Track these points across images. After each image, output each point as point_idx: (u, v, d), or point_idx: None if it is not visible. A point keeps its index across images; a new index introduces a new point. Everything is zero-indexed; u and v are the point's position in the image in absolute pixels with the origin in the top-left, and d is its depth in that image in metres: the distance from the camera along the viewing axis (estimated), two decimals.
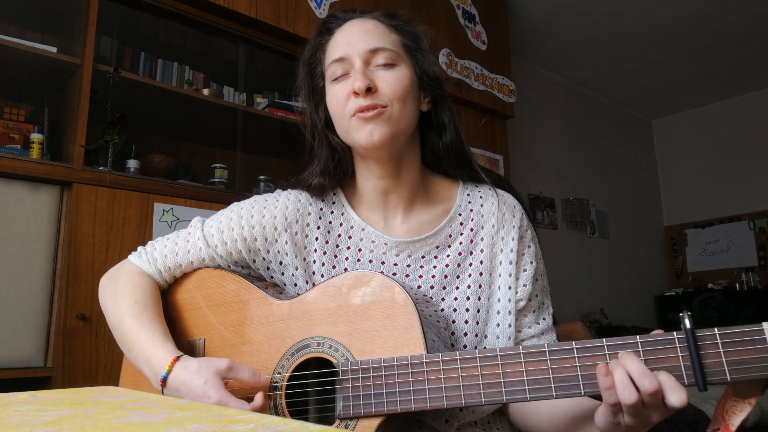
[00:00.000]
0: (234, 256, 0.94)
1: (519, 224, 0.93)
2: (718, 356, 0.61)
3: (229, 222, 0.94)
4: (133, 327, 0.87)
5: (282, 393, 0.80)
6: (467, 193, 0.96)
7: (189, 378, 0.77)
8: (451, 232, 0.92)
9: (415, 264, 0.90)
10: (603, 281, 4.58)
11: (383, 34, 0.89)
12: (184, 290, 0.96)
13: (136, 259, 0.97)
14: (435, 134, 0.94)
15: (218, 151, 2.67)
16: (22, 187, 1.74)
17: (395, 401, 0.71)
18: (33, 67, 1.98)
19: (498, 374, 0.68)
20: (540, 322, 0.92)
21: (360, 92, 0.83)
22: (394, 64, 0.87)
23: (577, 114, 4.79)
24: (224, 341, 0.88)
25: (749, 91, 5.03)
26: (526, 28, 3.89)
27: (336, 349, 0.77)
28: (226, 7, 2.23)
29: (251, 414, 0.42)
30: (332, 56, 0.89)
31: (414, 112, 0.89)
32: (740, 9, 3.74)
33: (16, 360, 1.65)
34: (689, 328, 0.62)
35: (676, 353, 0.63)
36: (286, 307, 0.84)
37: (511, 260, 0.90)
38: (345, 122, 0.87)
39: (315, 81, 0.94)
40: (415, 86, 0.89)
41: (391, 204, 0.93)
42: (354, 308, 0.78)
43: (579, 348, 0.66)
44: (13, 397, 0.51)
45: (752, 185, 4.92)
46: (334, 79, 0.89)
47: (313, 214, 0.94)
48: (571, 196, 4.49)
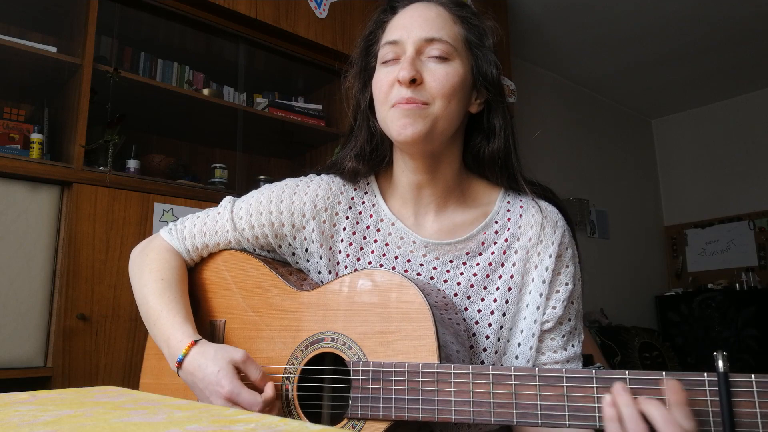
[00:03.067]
0: (260, 240, 0.93)
1: (559, 241, 0.86)
2: (752, 406, 0.56)
3: (258, 206, 0.92)
4: (156, 305, 0.87)
5: (294, 386, 0.80)
6: (507, 200, 0.90)
7: (204, 364, 0.77)
8: (484, 240, 0.87)
9: (442, 268, 0.86)
10: (603, 281, 4.58)
11: (445, 24, 0.84)
12: (210, 270, 0.97)
13: (166, 234, 0.96)
14: (483, 139, 0.88)
15: (218, 151, 2.67)
16: (22, 187, 1.74)
17: (403, 408, 0.70)
18: (33, 67, 1.98)
19: (510, 395, 0.65)
20: (567, 348, 0.85)
21: (404, 82, 0.79)
22: (448, 58, 0.81)
23: (577, 114, 4.79)
24: (243, 325, 0.89)
25: (749, 91, 5.03)
26: (526, 28, 3.88)
27: (349, 346, 0.77)
28: (226, 7, 2.23)
29: (251, 414, 0.42)
30: (387, 38, 0.85)
31: (459, 113, 0.83)
32: (740, 9, 3.74)
33: (16, 360, 1.65)
34: (722, 371, 0.56)
35: (705, 396, 0.58)
36: (306, 297, 0.83)
37: (545, 279, 0.84)
38: (384, 110, 0.83)
39: (368, 59, 0.91)
40: (466, 85, 0.84)
41: (424, 200, 0.89)
42: (371, 307, 0.77)
43: (599, 378, 0.62)
44: (13, 397, 0.51)
45: (752, 185, 4.92)
46: (384, 62, 0.85)
47: (344, 203, 0.91)
48: (571, 196, 4.49)
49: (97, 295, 1.77)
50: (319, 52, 2.51)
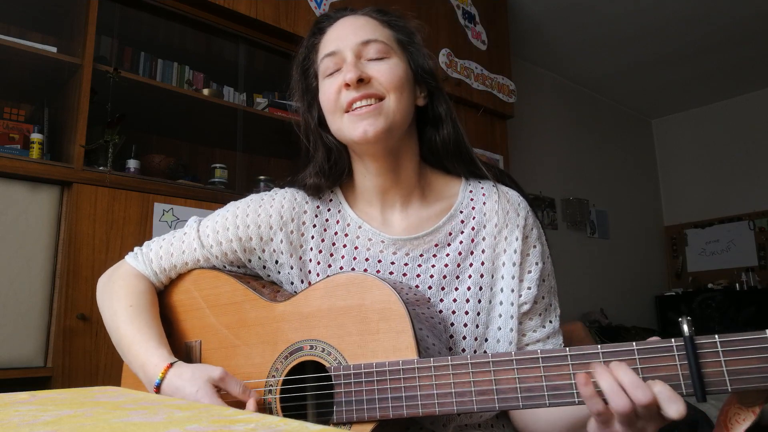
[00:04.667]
0: (229, 256, 0.93)
1: (524, 223, 0.88)
2: (719, 365, 0.57)
3: (224, 222, 0.93)
4: (128, 332, 0.87)
5: (277, 398, 0.79)
6: (470, 189, 0.92)
7: (182, 385, 0.76)
8: (451, 230, 0.89)
9: (413, 263, 0.87)
10: (603, 281, 4.58)
11: (375, 29, 0.88)
12: (180, 291, 0.96)
13: (132, 260, 0.96)
14: (432, 128, 0.91)
15: (218, 151, 2.67)
16: (22, 187, 1.74)
17: (387, 407, 0.70)
18: (33, 67, 1.98)
19: (490, 381, 0.66)
20: (546, 325, 0.88)
21: (351, 83, 0.81)
22: (386, 56, 0.85)
23: (577, 114, 4.79)
24: (220, 343, 0.88)
25: (749, 91, 5.03)
26: (526, 28, 3.88)
27: (329, 352, 0.76)
28: (226, 7, 2.23)
29: (251, 414, 0.42)
30: (324, 51, 0.88)
31: (410, 105, 0.87)
32: (740, 9, 3.74)
33: (16, 360, 1.65)
34: (688, 335, 0.58)
35: (675, 361, 0.59)
36: (280, 308, 0.83)
37: (515, 261, 0.86)
38: (337, 118, 0.85)
39: (308, 81, 0.93)
40: (410, 78, 0.87)
41: (389, 200, 0.91)
42: (346, 311, 0.77)
43: (573, 355, 0.63)
44: (13, 397, 0.51)
45: (752, 185, 4.92)
46: (327, 75, 0.87)
47: (309, 213, 0.92)
48: (571, 196, 4.49)
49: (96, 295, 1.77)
50: None
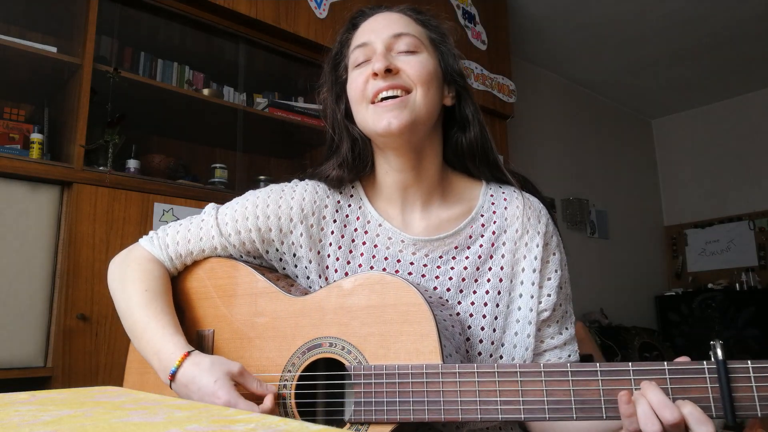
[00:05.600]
0: (247, 246, 0.91)
1: (545, 230, 0.88)
2: (750, 390, 0.58)
3: (244, 211, 0.91)
4: (142, 317, 0.85)
5: (292, 393, 0.78)
6: (490, 193, 0.92)
7: (199, 375, 0.75)
8: (471, 233, 0.88)
9: (432, 264, 0.87)
10: (603, 281, 4.57)
11: (408, 24, 0.88)
12: (194, 278, 0.94)
13: (147, 243, 0.94)
14: (458, 130, 0.91)
15: (218, 151, 2.67)
16: (22, 187, 1.74)
17: (408, 410, 0.69)
18: (33, 67, 1.98)
19: (517, 391, 0.66)
20: (563, 332, 0.88)
21: (380, 72, 0.81)
22: (417, 51, 0.85)
23: (576, 114, 4.79)
24: (234, 334, 0.87)
25: (749, 91, 5.03)
26: (526, 28, 3.88)
27: (349, 351, 0.76)
28: (226, 7, 2.23)
29: (251, 414, 0.42)
30: (355, 44, 0.88)
31: (437, 102, 0.86)
32: (739, 9, 3.74)
33: (16, 360, 1.65)
34: (721, 359, 0.59)
35: (705, 383, 0.60)
36: (299, 303, 0.82)
37: (535, 268, 0.86)
38: (363, 108, 0.85)
39: (338, 74, 0.93)
40: (438, 76, 0.87)
41: (409, 199, 0.90)
42: (369, 310, 0.76)
43: (603, 371, 0.64)
44: (13, 397, 0.51)
45: (752, 185, 4.92)
46: (355, 66, 0.87)
47: (330, 207, 0.91)
48: (571, 196, 4.48)
49: (97, 295, 1.77)
50: (319, 52, 2.49)
